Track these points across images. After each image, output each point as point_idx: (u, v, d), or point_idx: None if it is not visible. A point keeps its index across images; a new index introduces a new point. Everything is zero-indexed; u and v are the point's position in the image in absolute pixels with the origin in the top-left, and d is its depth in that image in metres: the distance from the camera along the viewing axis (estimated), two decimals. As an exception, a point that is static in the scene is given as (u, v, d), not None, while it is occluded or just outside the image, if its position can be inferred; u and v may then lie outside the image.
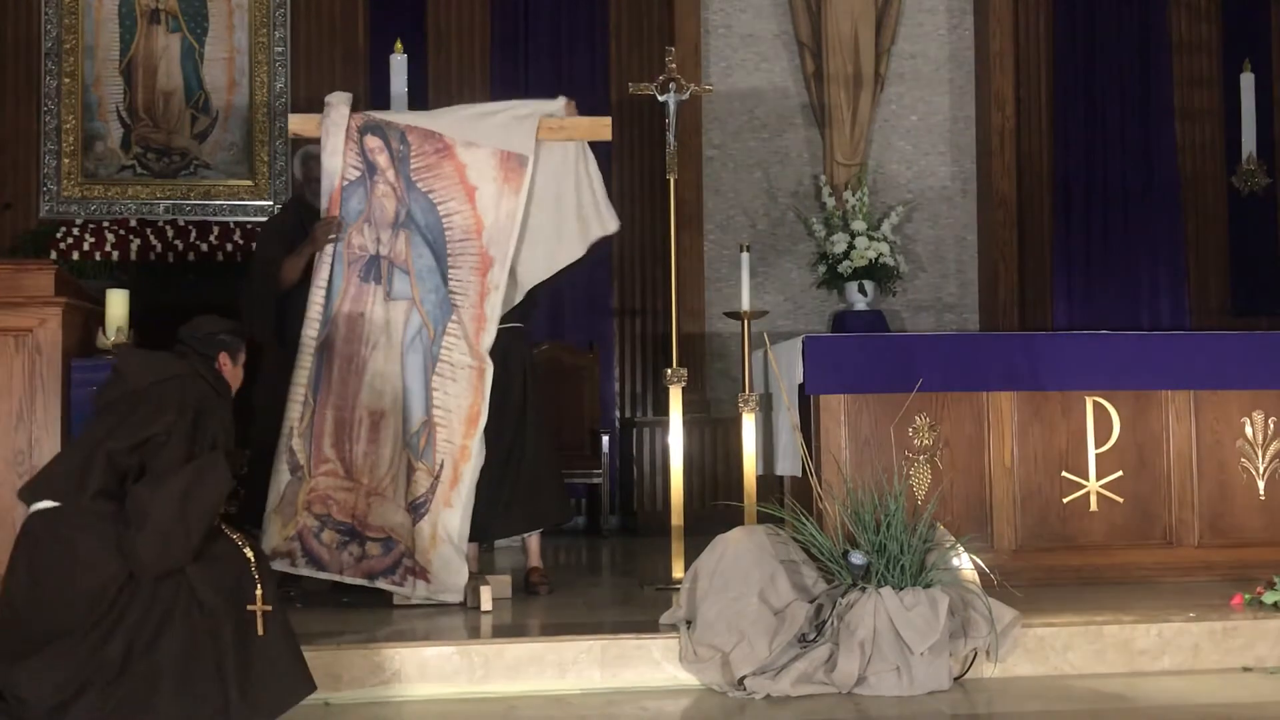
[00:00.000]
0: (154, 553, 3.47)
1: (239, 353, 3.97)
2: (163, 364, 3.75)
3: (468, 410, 4.98)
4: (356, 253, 5.10)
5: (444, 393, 5.01)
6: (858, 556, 4.35)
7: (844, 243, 8.65)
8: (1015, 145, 9.08)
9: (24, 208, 8.29)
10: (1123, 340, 5.60)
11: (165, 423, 3.57)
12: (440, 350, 5.03)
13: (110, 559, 3.46)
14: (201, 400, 3.69)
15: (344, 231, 5.10)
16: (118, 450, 3.52)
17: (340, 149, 5.10)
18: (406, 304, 5.06)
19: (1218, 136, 9.21)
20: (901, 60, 9.24)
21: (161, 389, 3.65)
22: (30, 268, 4.78)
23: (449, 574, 4.93)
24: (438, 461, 4.98)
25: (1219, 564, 5.39)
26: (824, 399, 5.34)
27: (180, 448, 3.57)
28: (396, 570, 4.96)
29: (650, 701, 4.12)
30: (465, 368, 5.01)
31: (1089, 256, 9.13)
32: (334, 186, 5.11)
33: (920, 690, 4.14)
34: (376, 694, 4.15)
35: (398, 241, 5.09)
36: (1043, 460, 5.43)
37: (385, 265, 5.09)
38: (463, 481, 4.96)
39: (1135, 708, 4.02)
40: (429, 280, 5.06)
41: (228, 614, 3.50)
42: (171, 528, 3.47)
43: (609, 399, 8.74)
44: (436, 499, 4.96)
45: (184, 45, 8.57)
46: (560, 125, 5.20)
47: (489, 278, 5.04)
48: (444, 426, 4.99)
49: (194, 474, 3.53)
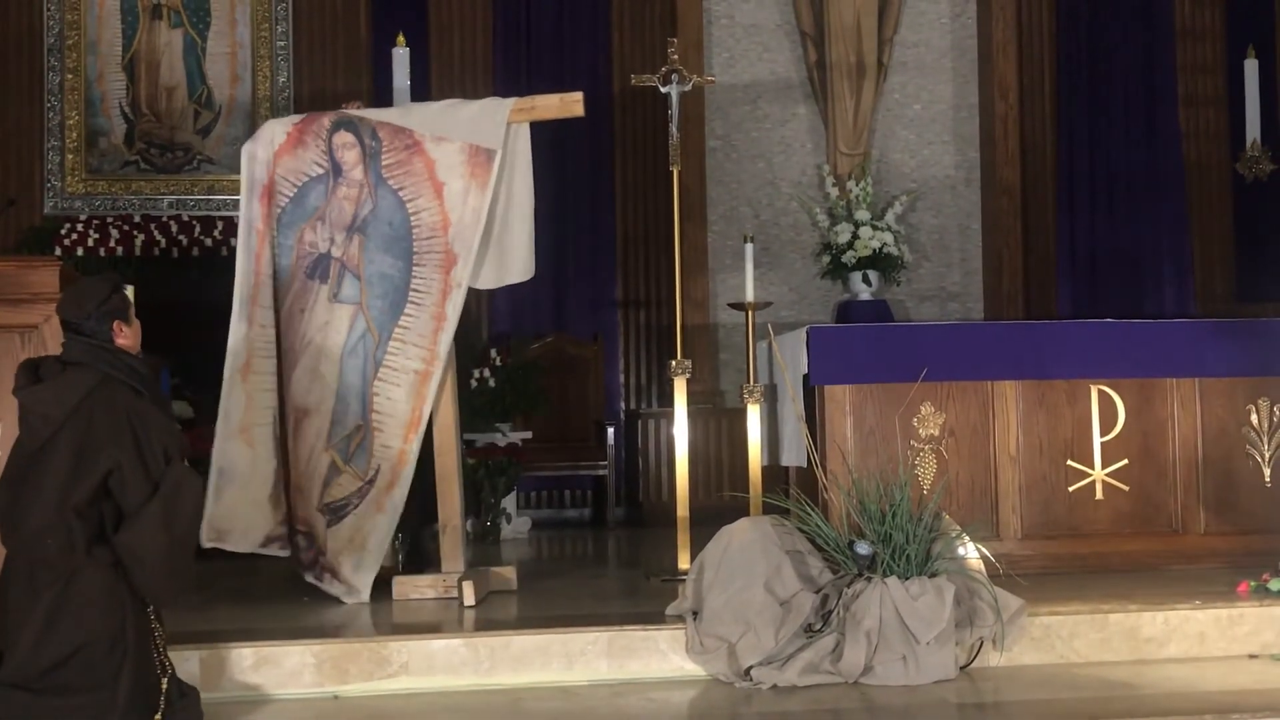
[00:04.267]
0: (163, 584, 3.62)
1: (127, 309, 3.80)
2: (70, 384, 3.61)
3: (409, 415, 4.96)
4: (306, 249, 5.09)
5: (385, 397, 4.99)
6: (863, 546, 4.35)
7: (848, 233, 8.65)
8: (1019, 133, 9.07)
9: (28, 204, 8.31)
10: (1128, 328, 5.59)
11: (110, 458, 3.54)
12: (385, 355, 5.00)
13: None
14: (130, 413, 3.61)
15: (294, 227, 5.10)
16: (81, 503, 3.52)
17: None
18: (353, 309, 5.04)
19: (1222, 123, 9.19)
20: (904, 49, 9.22)
21: (86, 417, 3.56)
22: (35, 264, 4.77)
23: (358, 576, 4.95)
24: (372, 466, 4.97)
25: (1225, 551, 5.39)
26: (829, 389, 5.34)
27: (138, 478, 3.56)
28: (316, 566, 5.02)
29: (657, 692, 4.12)
30: (410, 372, 4.98)
31: (1093, 244, 9.12)
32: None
33: (926, 679, 4.14)
34: (384, 687, 4.16)
35: (351, 245, 5.07)
36: (1048, 449, 5.42)
37: (336, 266, 5.07)
38: (399, 486, 4.96)
39: (1141, 695, 4.02)
40: (378, 286, 5.03)
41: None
42: (168, 556, 3.57)
43: (614, 390, 8.75)
44: (367, 503, 4.96)
45: (186, 40, 8.57)
46: (531, 106, 5.18)
47: (452, 275, 5.00)
48: (382, 431, 4.97)
49: (165, 501, 3.56)
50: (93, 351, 3.68)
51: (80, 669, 3.48)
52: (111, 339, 3.71)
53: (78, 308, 3.71)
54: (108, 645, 3.51)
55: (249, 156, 5.21)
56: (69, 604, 3.50)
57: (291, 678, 4.13)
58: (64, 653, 3.48)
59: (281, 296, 5.09)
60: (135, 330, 3.80)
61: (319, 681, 4.14)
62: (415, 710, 3.99)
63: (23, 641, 3.49)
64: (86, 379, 3.63)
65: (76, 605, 3.50)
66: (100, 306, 3.70)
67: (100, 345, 3.69)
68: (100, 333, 3.70)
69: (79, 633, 3.49)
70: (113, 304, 3.73)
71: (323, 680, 4.14)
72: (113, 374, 3.67)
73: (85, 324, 3.70)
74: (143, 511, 3.54)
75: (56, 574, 3.51)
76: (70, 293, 3.82)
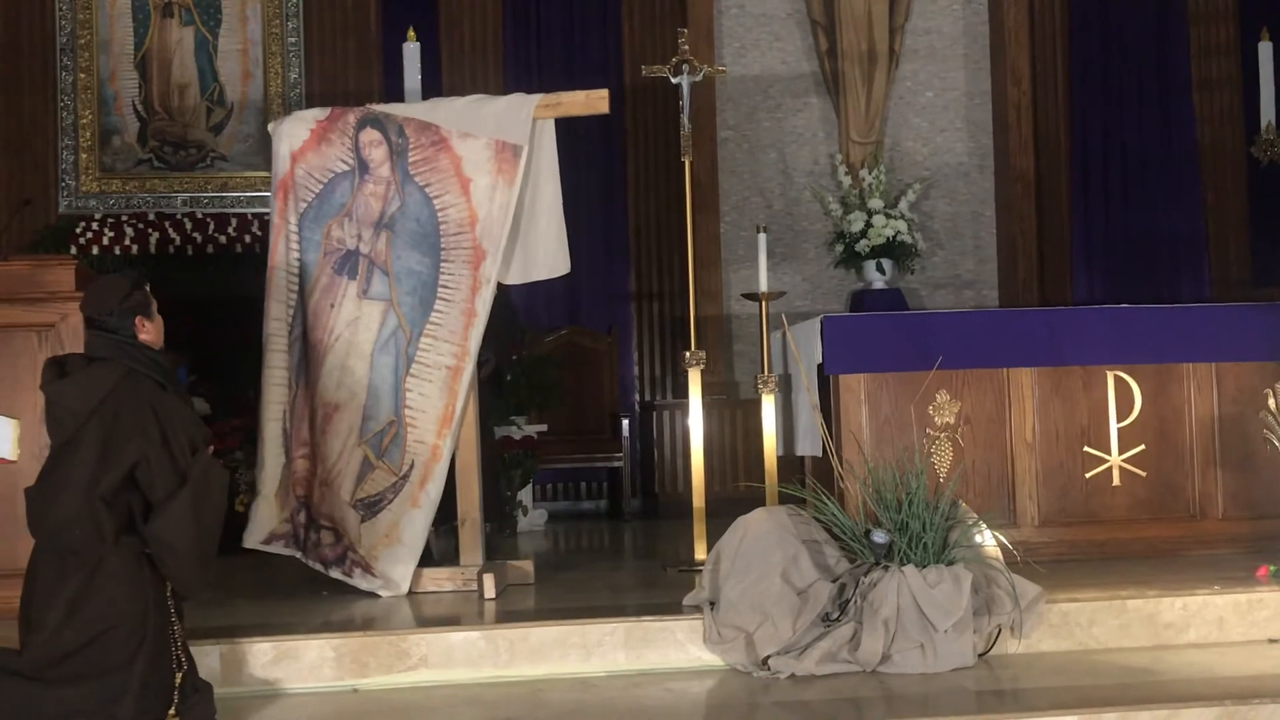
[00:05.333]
0: (195, 572, 3.66)
1: (149, 304, 3.85)
2: (95, 379, 3.66)
3: (441, 411, 4.98)
4: (334, 245, 5.12)
5: (418, 393, 5.00)
6: (880, 535, 4.35)
7: (861, 221, 8.63)
8: (1032, 119, 9.04)
9: (43, 204, 8.34)
10: (1143, 314, 5.57)
11: (136, 451, 3.58)
12: (416, 352, 5.02)
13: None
14: (155, 406, 3.66)
15: (321, 222, 5.13)
16: (107, 493, 3.57)
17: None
18: (384, 305, 5.06)
19: (1236, 106, 9.14)
20: (916, 36, 9.19)
21: (111, 410, 3.61)
22: (51, 263, 4.81)
23: (394, 570, 4.97)
24: (406, 462, 4.98)
25: (1243, 536, 5.37)
26: (843, 379, 5.33)
27: (165, 469, 3.60)
28: (344, 562, 5.02)
29: (675, 683, 4.13)
30: (441, 368, 4.99)
31: (1108, 230, 9.08)
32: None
33: (945, 667, 4.14)
34: (403, 680, 4.18)
35: (379, 241, 5.09)
36: (1064, 435, 5.41)
37: (365, 263, 5.09)
38: (432, 481, 4.97)
39: (1161, 681, 4.01)
40: (407, 282, 5.05)
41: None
42: (197, 543, 3.62)
43: (628, 383, 8.76)
44: (401, 498, 4.97)
45: (198, 38, 8.59)
46: (556, 102, 5.18)
47: (480, 271, 5.01)
48: (415, 427, 4.99)
49: (194, 491, 3.61)
50: (116, 346, 3.73)
51: (98, 654, 3.52)
52: (134, 334, 3.77)
53: (100, 304, 3.77)
54: (127, 630, 3.55)
55: (273, 151, 5.27)
56: (94, 589, 3.54)
57: (311, 672, 4.15)
58: (86, 637, 3.52)
59: (308, 292, 5.12)
60: (157, 325, 3.86)
61: (338, 675, 4.16)
62: (435, 703, 4.01)
63: (47, 624, 3.53)
64: (111, 373, 3.67)
65: (101, 590, 3.54)
66: (122, 302, 3.76)
67: (123, 340, 3.75)
68: (123, 328, 3.76)
69: (102, 618, 3.53)
70: (134, 300, 3.79)
71: (342, 674, 4.16)
72: (136, 368, 3.72)
73: (108, 320, 3.75)
74: (172, 501, 3.58)
75: (83, 561, 3.55)
76: (92, 289, 3.86)
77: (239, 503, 5.92)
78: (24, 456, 4.59)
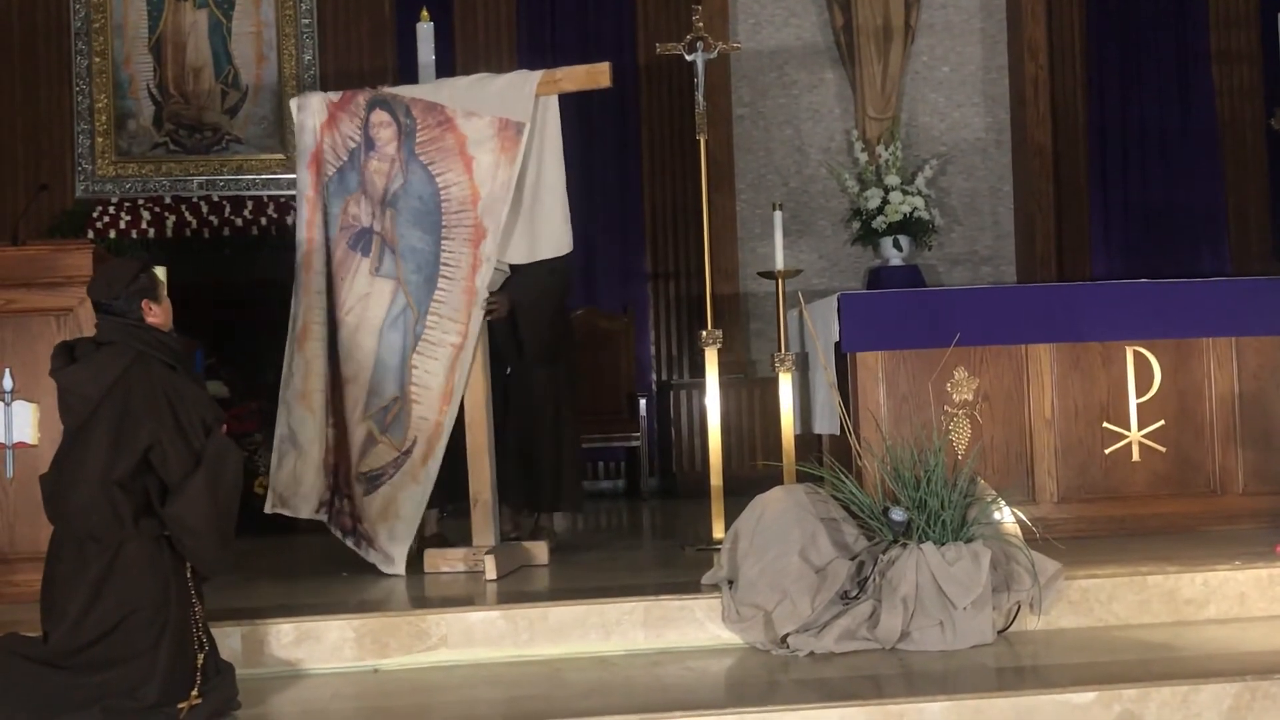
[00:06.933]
0: (216, 552, 3.67)
1: (156, 287, 3.85)
2: (105, 363, 3.67)
3: (444, 387, 5.00)
4: (350, 221, 5.16)
5: (424, 370, 5.02)
6: (898, 513, 4.34)
7: (878, 198, 8.59)
8: (1049, 94, 8.97)
9: (60, 188, 8.36)
10: (1162, 288, 5.53)
11: (150, 434, 3.59)
12: (423, 329, 5.04)
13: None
14: (166, 388, 3.67)
15: (340, 198, 5.16)
16: (123, 478, 3.58)
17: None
18: (393, 283, 5.08)
19: (1256, 79, 9.06)
20: (932, 10, 9.13)
21: (123, 394, 3.62)
22: (68, 248, 4.82)
23: (393, 546, 5.00)
24: (409, 437, 5.01)
25: (1264, 511, 5.34)
26: (861, 356, 5.32)
27: (179, 450, 3.62)
28: (355, 533, 5.10)
29: (694, 661, 4.14)
30: (446, 346, 5.01)
31: (1126, 204, 9.02)
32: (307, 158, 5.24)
33: (964, 644, 4.13)
34: (423, 659, 4.20)
35: (385, 219, 5.12)
36: (1083, 411, 5.39)
37: (377, 241, 5.13)
38: (433, 458, 5.00)
39: (1182, 657, 4.00)
40: (411, 260, 5.07)
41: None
42: (215, 523, 3.64)
43: (645, 362, 8.75)
44: (402, 473, 5.00)
45: (211, 20, 8.59)
46: (558, 78, 5.17)
47: (481, 249, 5.01)
48: (419, 403, 5.02)
49: (210, 471, 3.62)
50: (125, 330, 3.73)
51: (122, 639, 3.54)
52: (142, 318, 3.77)
53: (107, 288, 3.78)
54: (150, 614, 3.57)
55: (299, 126, 5.29)
56: (116, 574, 3.56)
57: (332, 652, 4.17)
58: (110, 623, 3.54)
59: (332, 265, 5.17)
60: (166, 308, 3.86)
61: (359, 655, 4.18)
62: (455, 682, 4.02)
63: (71, 612, 3.55)
64: (121, 357, 3.68)
65: (123, 575, 3.56)
66: (129, 286, 3.76)
67: (132, 324, 3.75)
68: (131, 312, 3.76)
69: (124, 603, 3.55)
70: (141, 283, 3.79)
71: (363, 654, 4.18)
72: (147, 351, 3.72)
73: (115, 304, 3.76)
74: (189, 482, 3.60)
75: (104, 546, 3.57)
76: (99, 274, 3.88)
77: (258, 484, 5.95)
78: (44, 441, 4.63)
